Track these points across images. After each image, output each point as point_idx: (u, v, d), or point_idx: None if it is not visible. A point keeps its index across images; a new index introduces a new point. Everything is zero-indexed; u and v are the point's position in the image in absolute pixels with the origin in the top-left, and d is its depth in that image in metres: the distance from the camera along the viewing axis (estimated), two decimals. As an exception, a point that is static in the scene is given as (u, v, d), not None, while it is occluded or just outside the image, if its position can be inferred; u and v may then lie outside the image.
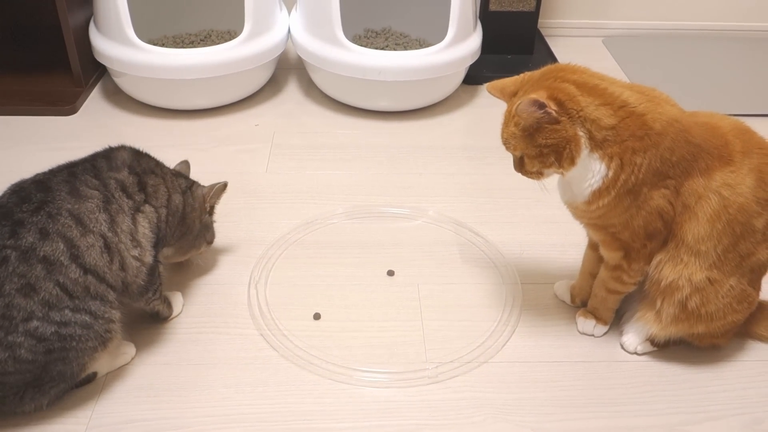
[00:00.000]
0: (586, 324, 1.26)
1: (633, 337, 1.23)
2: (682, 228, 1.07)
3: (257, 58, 1.87)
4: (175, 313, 1.26)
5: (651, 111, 1.02)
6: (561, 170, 1.06)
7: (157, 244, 1.15)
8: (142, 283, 1.12)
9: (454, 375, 1.18)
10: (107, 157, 1.14)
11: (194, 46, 2.06)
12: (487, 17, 2.13)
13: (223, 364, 1.18)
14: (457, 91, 2.03)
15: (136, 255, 1.09)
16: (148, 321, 1.24)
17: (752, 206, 1.05)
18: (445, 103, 2.00)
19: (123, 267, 1.07)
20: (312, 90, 2.03)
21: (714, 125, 1.07)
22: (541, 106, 0.99)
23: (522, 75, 1.10)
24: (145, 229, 1.11)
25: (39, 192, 1.03)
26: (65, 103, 1.88)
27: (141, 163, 1.16)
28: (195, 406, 1.11)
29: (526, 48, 2.24)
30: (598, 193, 1.05)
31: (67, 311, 1.00)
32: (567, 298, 1.32)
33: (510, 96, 1.09)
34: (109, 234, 1.05)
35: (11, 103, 1.88)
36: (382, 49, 2.08)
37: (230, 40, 1.85)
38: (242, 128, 1.86)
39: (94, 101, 1.95)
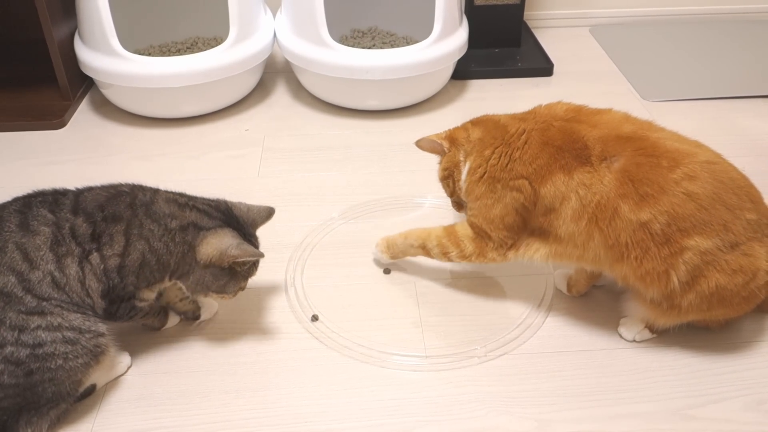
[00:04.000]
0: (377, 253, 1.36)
1: (630, 325, 1.23)
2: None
3: (244, 63, 1.86)
4: (203, 317, 1.25)
5: (513, 124, 1.20)
6: (459, 195, 1.28)
7: (111, 291, 1.06)
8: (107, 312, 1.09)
9: (454, 368, 1.18)
10: (76, 196, 1.07)
11: (180, 54, 2.05)
12: (472, 12, 2.13)
13: (222, 370, 1.18)
14: (446, 86, 2.03)
15: (85, 299, 1.05)
16: (141, 330, 1.24)
17: (614, 202, 1.08)
18: (435, 99, 2.00)
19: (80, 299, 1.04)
20: (300, 92, 2.03)
21: (574, 131, 1.14)
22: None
23: None
24: (91, 281, 1.04)
25: None
26: (54, 117, 1.87)
27: (109, 207, 1.06)
28: (196, 414, 1.11)
29: (513, 41, 2.24)
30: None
31: (39, 332, 0.98)
32: (564, 288, 1.32)
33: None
34: (57, 274, 1.01)
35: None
36: (369, 48, 2.08)
37: (216, 46, 1.85)
38: (232, 134, 1.86)
39: (83, 114, 1.94)
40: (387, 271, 1.38)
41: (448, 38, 1.89)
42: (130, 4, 1.96)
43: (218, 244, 1.08)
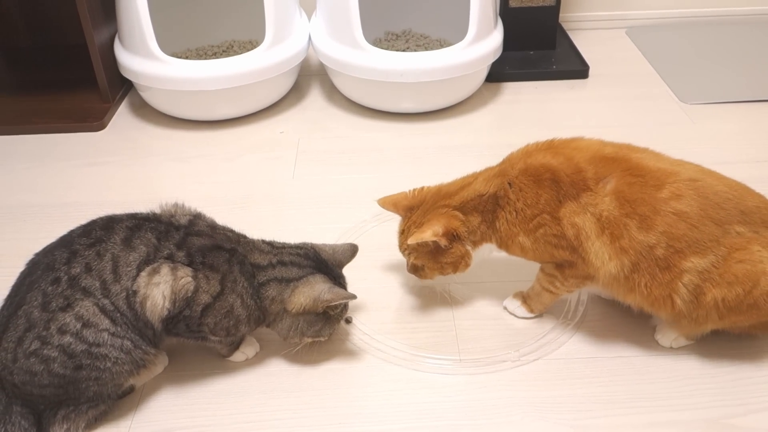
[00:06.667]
0: (511, 303, 1.28)
1: (666, 331, 1.21)
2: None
3: (280, 66, 1.88)
4: (236, 358, 1.21)
5: (492, 185, 1.18)
6: (457, 273, 1.23)
7: (178, 316, 1.07)
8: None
9: (488, 372, 1.17)
10: (186, 235, 1.09)
11: (217, 58, 2.08)
12: (507, 14, 2.12)
13: (258, 370, 1.19)
14: (480, 89, 2.02)
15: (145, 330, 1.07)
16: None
17: (622, 220, 1.08)
18: (469, 102, 2.00)
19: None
20: (335, 95, 2.04)
21: (568, 156, 1.14)
22: (435, 243, 1.17)
23: (413, 191, 1.28)
24: (159, 296, 1.04)
25: (101, 230, 1.08)
26: (94, 119, 1.91)
27: (209, 257, 1.09)
28: (232, 413, 1.12)
29: (548, 43, 2.22)
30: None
31: (104, 333, 1.02)
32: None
33: (405, 210, 1.25)
34: (131, 292, 1.05)
35: (42, 122, 1.91)
36: (403, 51, 2.08)
37: (252, 49, 1.87)
38: (267, 136, 1.88)
39: (122, 116, 1.98)
40: (420, 274, 1.38)
41: (483, 41, 1.89)
42: (168, 8, 1.99)
43: (310, 291, 1.12)
